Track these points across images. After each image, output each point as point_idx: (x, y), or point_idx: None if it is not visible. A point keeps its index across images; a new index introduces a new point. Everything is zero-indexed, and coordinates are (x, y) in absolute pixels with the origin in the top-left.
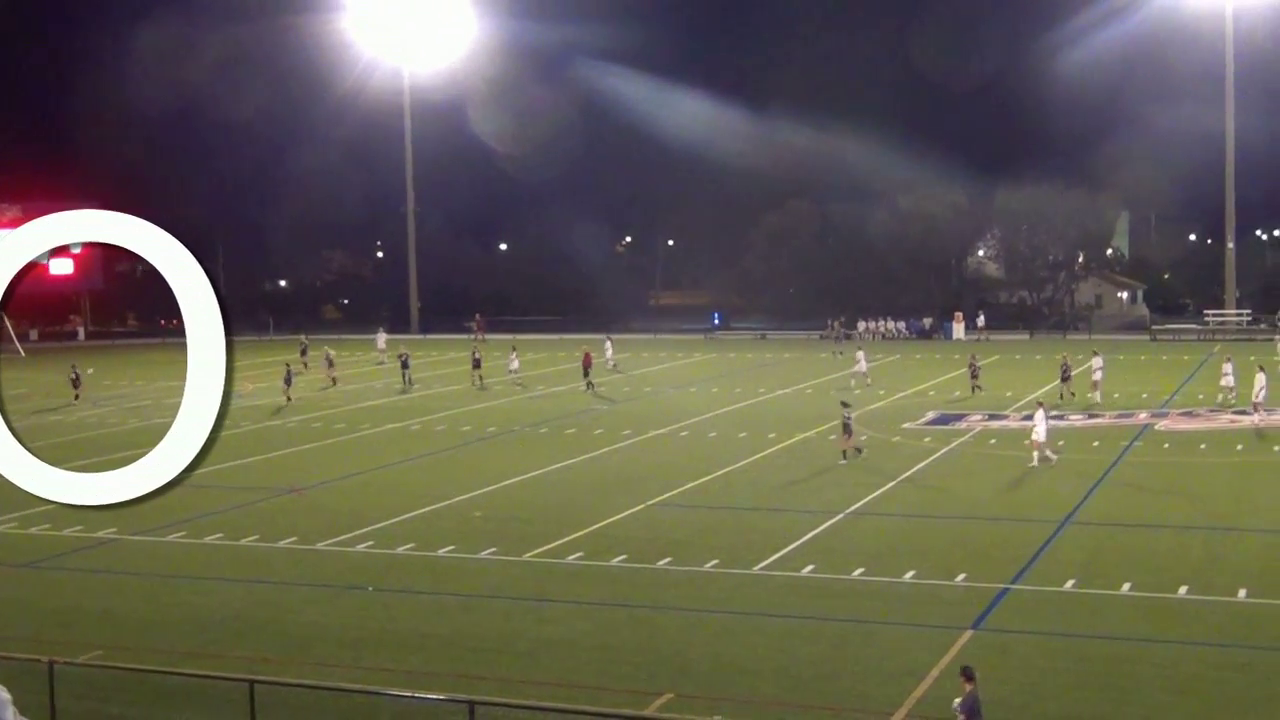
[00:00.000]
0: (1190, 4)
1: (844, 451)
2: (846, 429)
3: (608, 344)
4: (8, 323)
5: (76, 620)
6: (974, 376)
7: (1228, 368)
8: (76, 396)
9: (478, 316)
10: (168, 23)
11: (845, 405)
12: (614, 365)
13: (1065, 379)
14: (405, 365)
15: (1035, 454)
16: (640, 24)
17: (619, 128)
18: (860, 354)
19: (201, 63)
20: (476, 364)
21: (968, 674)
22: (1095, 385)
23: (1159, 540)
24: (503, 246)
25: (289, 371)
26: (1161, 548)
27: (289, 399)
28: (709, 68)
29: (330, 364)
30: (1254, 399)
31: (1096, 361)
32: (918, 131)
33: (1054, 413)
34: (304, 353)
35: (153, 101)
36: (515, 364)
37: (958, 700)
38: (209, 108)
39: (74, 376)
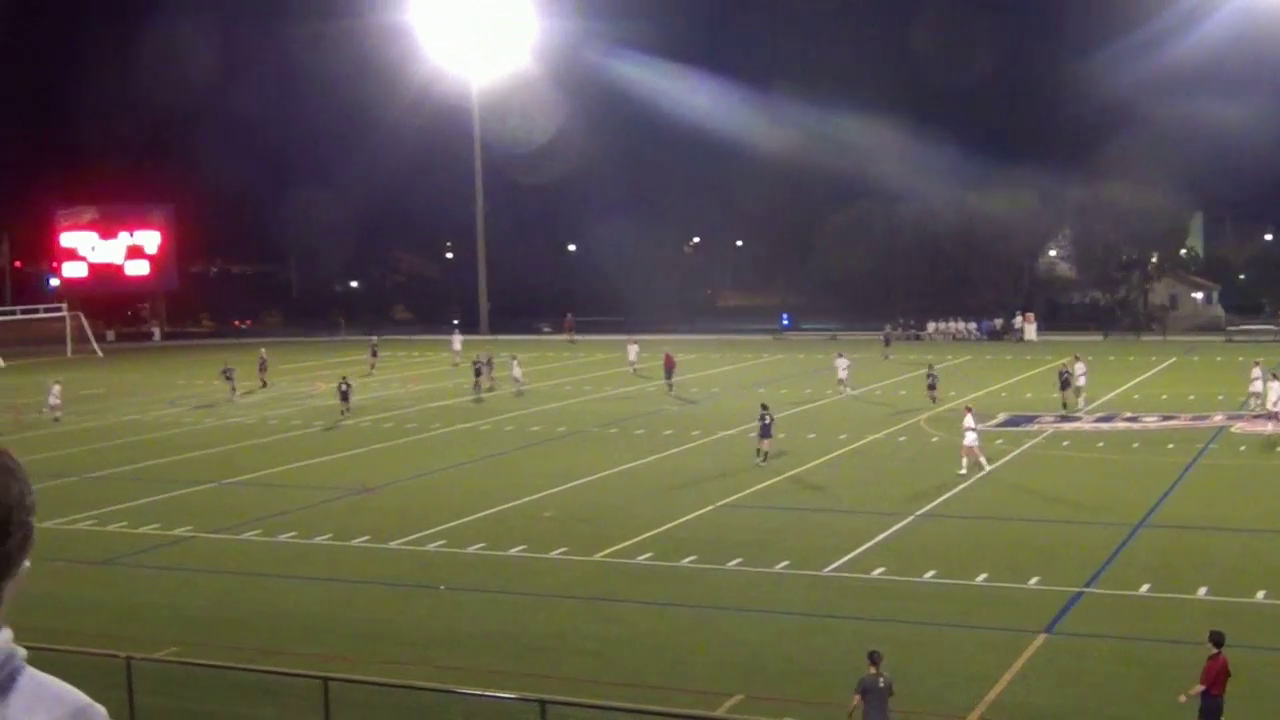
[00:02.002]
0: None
1: (759, 451)
2: (765, 431)
3: (632, 347)
4: (85, 324)
5: (153, 617)
6: (931, 388)
7: (1256, 372)
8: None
9: (569, 316)
10: (238, 27)
11: (764, 407)
12: (636, 369)
13: (1065, 386)
14: (478, 373)
15: (965, 460)
16: (706, 26)
17: (686, 128)
18: (840, 361)
19: (272, 66)
20: (478, 371)
21: (872, 658)
22: (1078, 391)
23: (1235, 544)
24: (571, 247)
25: (345, 386)
26: (1237, 551)
27: (344, 412)
28: (777, 69)
29: (263, 368)
30: (1270, 406)
31: (1079, 367)
32: (988, 130)
33: (1128, 414)
34: (374, 353)
35: (226, 105)
36: (518, 372)
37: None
38: (281, 111)
39: (226, 370)
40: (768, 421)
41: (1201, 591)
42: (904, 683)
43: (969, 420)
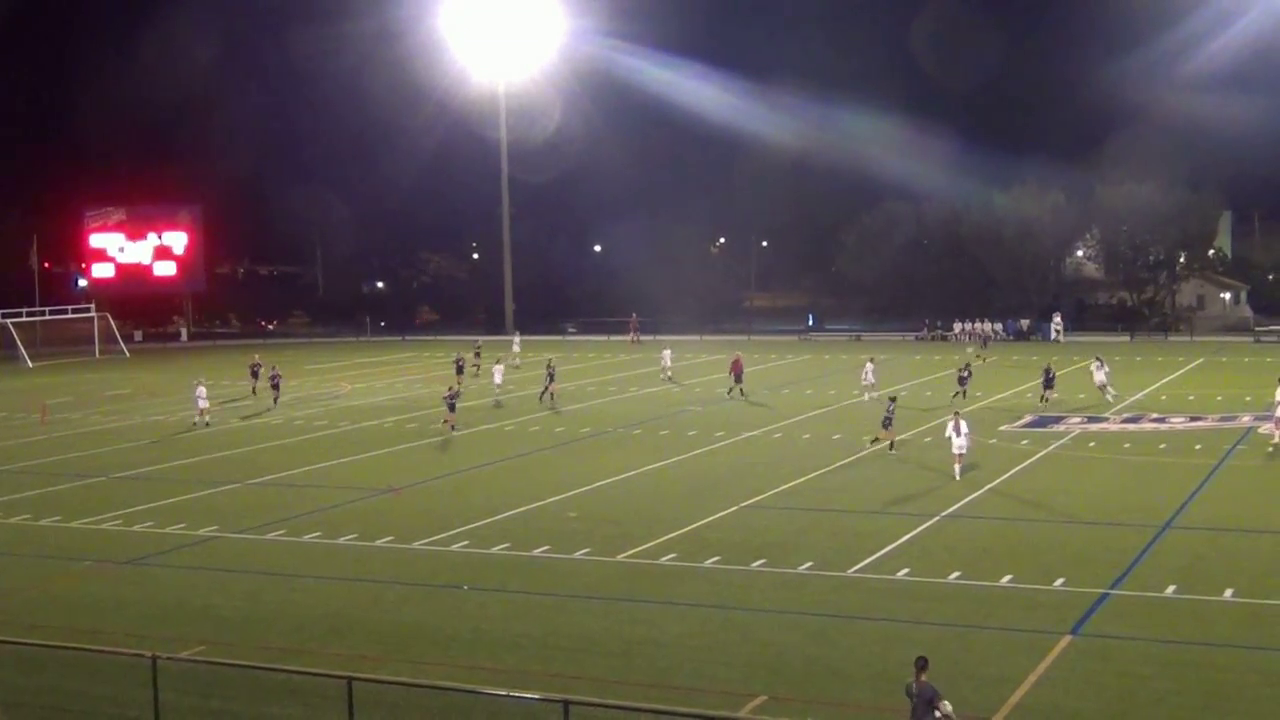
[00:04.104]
0: None
1: (876, 440)
2: (887, 422)
3: (666, 352)
4: (113, 324)
5: (179, 616)
6: (961, 382)
7: None
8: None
9: (634, 316)
10: (266, 30)
11: (892, 400)
12: (669, 374)
13: (1049, 385)
14: (551, 377)
15: (957, 468)
16: (732, 28)
17: (712, 130)
18: (869, 368)
19: (300, 69)
20: (459, 369)
21: (919, 664)
22: (1103, 387)
23: (1262, 545)
24: (597, 248)
25: (452, 393)
26: (1265, 553)
27: (452, 429)
28: (803, 71)
29: (255, 375)
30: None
31: (1094, 365)
32: (1016, 130)
33: (1155, 415)
34: (477, 354)
35: (253, 107)
36: (498, 379)
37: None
38: (307, 113)
39: (278, 374)
40: (891, 412)
41: (1228, 593)
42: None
43: (959, 427)
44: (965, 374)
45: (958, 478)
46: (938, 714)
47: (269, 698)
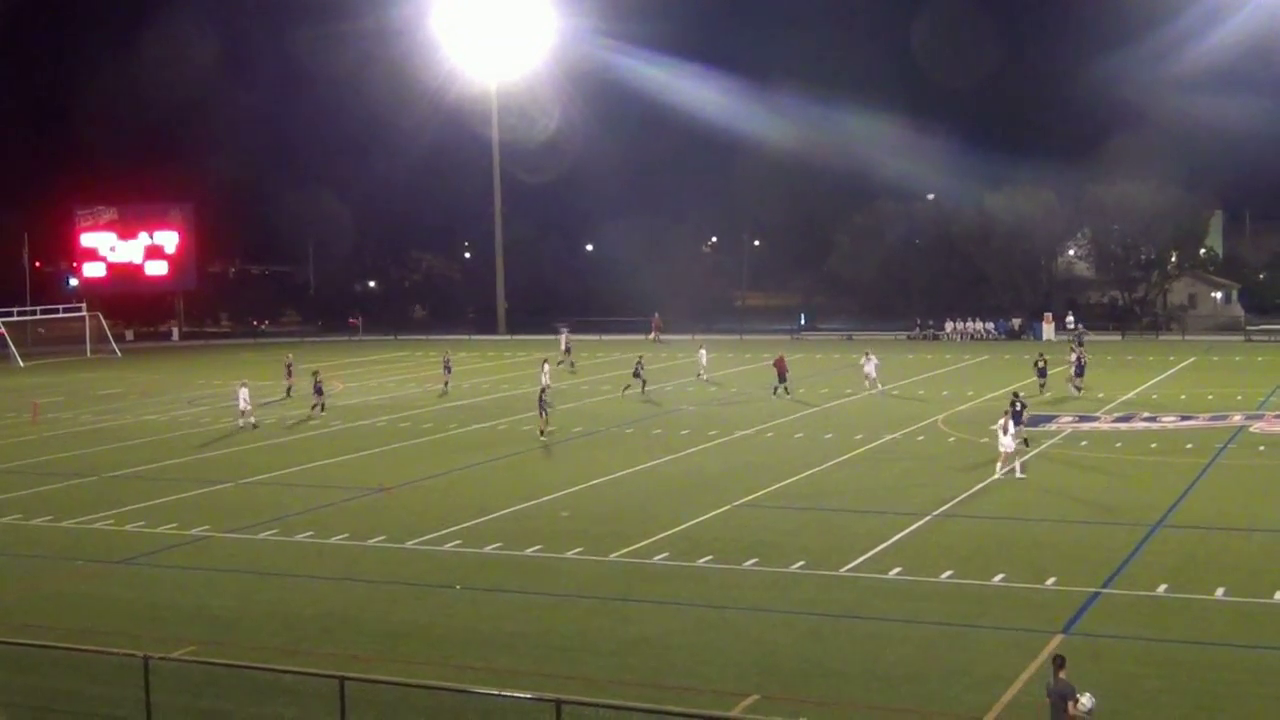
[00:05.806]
0: None
1: (1024, 439)
2: (1018, 418)
3: (701, 352)
4: (105, 324)
5: (170, 616)
6: (1044, 374)
7: None
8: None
9: (656, 315)
10: (257, 30)
11: (1016, 395)
12: (704, 376)
13: (1079, 373)
14: (638, 374)
15: (999, 465)
16: (724, 27)
17: (704, 129)
18: (868, 360)
19: (291, 68)
20: (447, 368)
21: (1056, 662)
22: (1070, 379)
23: (1254, 544)
24: (589, 247)
25: (543, 396)
26: (1256, 551)
27: (546, 430)
28: (795, 70)
29: (289, 374)
30: None
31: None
32: (1007, 129)
33: (1147, 414)
34: (568, 351)
35: (245, 106)
36: (545, 379)
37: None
38: (299, 112)
39: (320, 378)
40: (1019, 409)
41: (1219, 592)
42: (921, 683)
43: (1009, 426)
44: (1043, 365)
45: (997, 474)
46: (1075, 710)
47: (261, 698)
